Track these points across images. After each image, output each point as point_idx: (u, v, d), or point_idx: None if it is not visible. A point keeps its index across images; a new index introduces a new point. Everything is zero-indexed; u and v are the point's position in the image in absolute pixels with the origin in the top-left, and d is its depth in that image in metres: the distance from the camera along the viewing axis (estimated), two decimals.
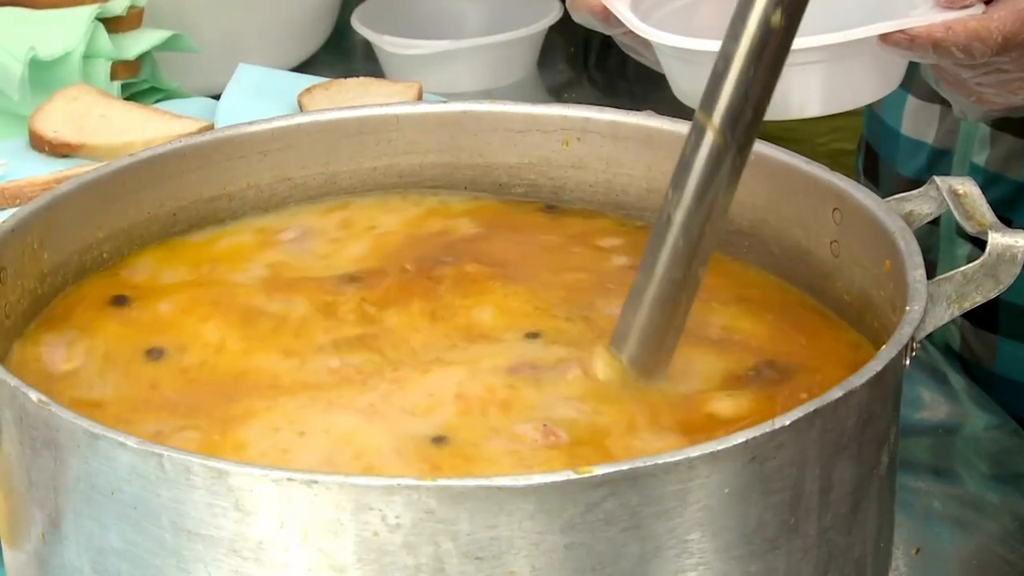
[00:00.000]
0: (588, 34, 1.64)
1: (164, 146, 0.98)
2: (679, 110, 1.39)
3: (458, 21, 1.58)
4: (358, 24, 1.50)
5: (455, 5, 1.59)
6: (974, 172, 1.29)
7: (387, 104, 1.04)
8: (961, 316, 1.28)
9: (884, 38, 0.96)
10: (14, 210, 0.87)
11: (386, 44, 1.48)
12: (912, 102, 1.33)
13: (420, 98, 1.28)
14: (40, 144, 1.18)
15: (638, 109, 1.01)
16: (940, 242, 1.33)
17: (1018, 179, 1.27)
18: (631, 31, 1.02)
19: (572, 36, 1.60)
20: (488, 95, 1.46)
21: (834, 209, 0.87)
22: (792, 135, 1.76)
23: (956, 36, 0.97)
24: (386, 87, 1.30)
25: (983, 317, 1.29)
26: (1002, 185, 1.28)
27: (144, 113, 1.23)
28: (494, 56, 1.49)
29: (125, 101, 1.27)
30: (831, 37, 0.95)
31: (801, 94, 0.99)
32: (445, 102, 1.18)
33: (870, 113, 1.40)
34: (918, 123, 1.33)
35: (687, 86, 1.02)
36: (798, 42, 0.91)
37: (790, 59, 0.89)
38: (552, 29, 1.51)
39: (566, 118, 0.99)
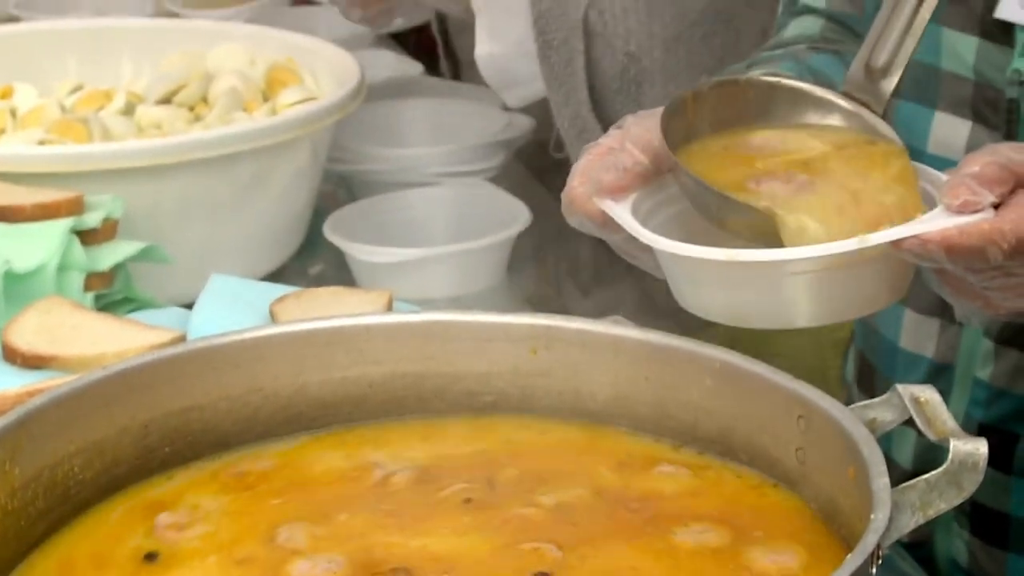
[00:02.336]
0: (558, 242, 1.66)
1: (136, 359, 0.99)
2: (647, 317, 1.41)
3: (428, 229, 1.60)
4: (330, 233, 1.52)
5: (425, 213, 1.61)
6: (977, 386, 1.27)
7: (357, 315, 1.05)
8: (970, 532, 1.28)
9: (897, 244, 0.95)
10: None
11: (357, 252, 1.50)
12: (910, 315, 1.32)
13: (391, 307, 1.30)
14: (12, 356, 1.19)
15: (608, 314, 1.03)
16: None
17: (1023, 393, 1.26)
18: (630, 236, 1.02)
19: (542, 242, 1.62)
20: (459, 302, 1.47)
21: (799, 416, 0.88)
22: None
23: (970, 239, 0.95)
24: (357, 296, 1.32)
25: (993, 533, 1.28)
26: (1008, 400, 1.26)
27: (117, 324, 1.24)
28: (464, 263, 1.51)
29: (98, 312, 1.28)
30: (846, 244, 0.94)
31: (807, 302, 0.97)
32: (416, 311, 1.20)
33: (864, 324, 1.39)
34: (917, 337, 1.32)
35: (688, 290, 1.02)
36: (805, 250, 0.94)
37: (800, 267, 0.93)
38: (521, 235, 1.53)
39: (534, 327, 1.01)
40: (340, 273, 1.52)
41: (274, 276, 1.51)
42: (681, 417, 0.96)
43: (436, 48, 2.18)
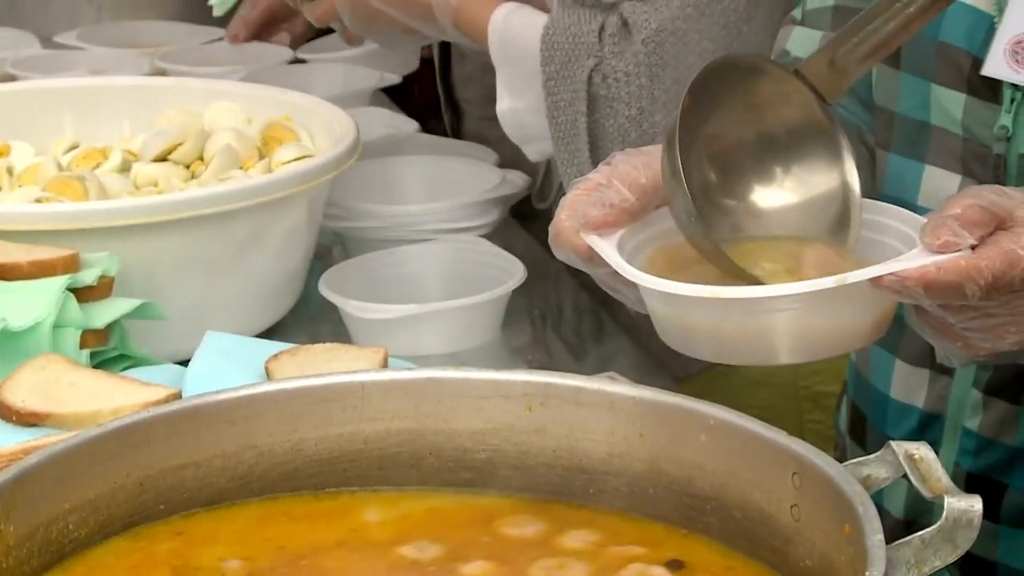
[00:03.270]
0: (553, 298, 1.67)
1: (131, 416, 0.99)
2: (642, 374, 1.41)
3: (423, 285, 1.61)
4: (325, 289, 1.53)
5: (420, 269, 1.62)
6: (966, 437, 1.29)
7: (353, 372, 1.05)
8: None
9: (876, 281, 0.97)
10: None
11: (352, 308, 1.50)
12: (901, 366, 1.33)
13: (386, 363, 1.30)
14: (8, 414, 1.19)
15: (602, 371, 1.03)
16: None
17: (1013, 443, 1.27)
18: (615, 271, 1.03)
19: (536, 298, 1.63)
20: (454, 358, 1.48)
21: (793, 473, 0.88)
22: (772, 379, 1.78)
23: (947, 275, 0.98)
24: (352, 352, 1.32)
25: None
26: (996, 450, 1.27)
27: (112, 381, 1.24)
28: (459, 319, 1.51)
29: (93, 369, 1.28)
30: (824, 282, 0.97)
31: (789, 339, 1.00)
32: (411, 367, 1.20)
33: (856, 374, 1.40)
34: (908, 387, 1.33)
35: (671, 328, 1.03)
36: (787, 287, 0.97)
37: (783, 304, 0.96)
38: (516, 292, 1.54)
39: (529, 384, 1.01)
40: (335, 329, 1.52)
41: (270, 333, 1.51)
42: (675, 474, 0.96)
43: (437, 100, 2.20)
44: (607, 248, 1.05)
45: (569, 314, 1.66)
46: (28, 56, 2.18)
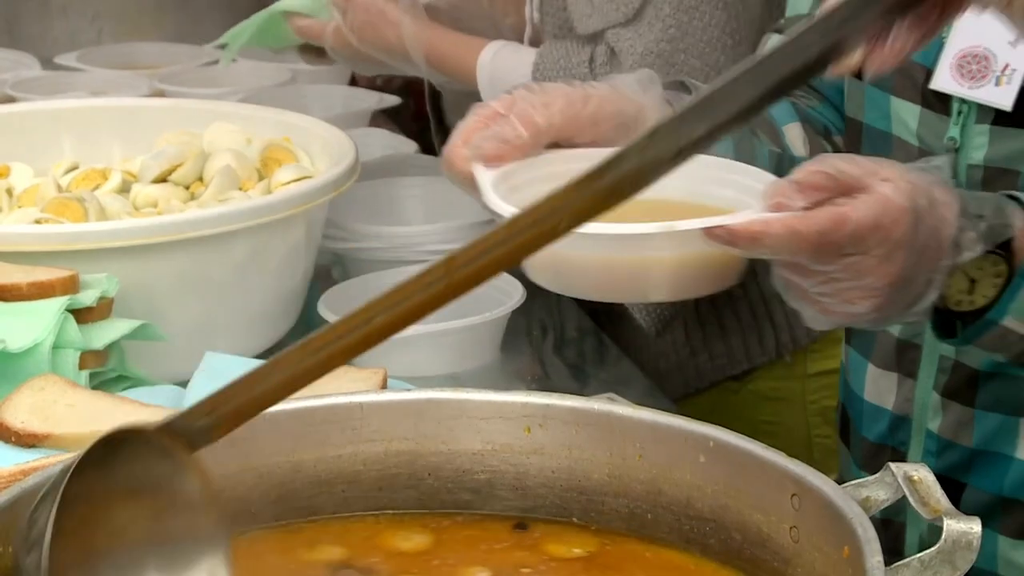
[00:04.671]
0: (552, 319, 1.67)
1: None
2: (641, 395, 1.41)
3: None
4: (324, 310, 1.53)
5: None
6: (929, 438, 1.32)
7: (352, 393, 1.05)
8: None
9: (708, 232, 1.05)
10: None
11: None
12: (872, 370, 1.37)
13: (385, 384, 1.30)
14: (7, 435, 1.19)
15: (601, 392, 1.03)
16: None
17: (969, 446, 1.30)
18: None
19: (536, 320, 1.63)
20: (453, 379, 1.48)
21: (792, 495, 0.88)
22: (779, 394, 1.78)
23: (774, 230, 1.04)
24: (351, 373, 1.32)
25: None
26: (955, 451, 1.31)
27: (111, 402, 1.24)
28: (458, 341, 1.51)
29: (92, 390, 1.29)
30: (660, 226, 1.05)
31: (652, 280, 1.09)
32: (410, 389, 1.20)
33: (843, 377, 1.44)
34: (879, 390, 1.37)
35: (539, 264, 1.11)
36: (634, 227, 1.06)
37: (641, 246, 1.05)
38: (516, 313, 1.54)
39: (528, 405, 1.01)
40: None
41: (269, 354, 1.51)
42: (674, 495, 0.96)
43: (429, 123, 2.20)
44: (485, 181, 1.11)
45: (569, 335, 1.66)
46: (28, 77, 2.18)
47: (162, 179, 1.66)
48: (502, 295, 1.56)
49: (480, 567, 0.96)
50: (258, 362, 1.37)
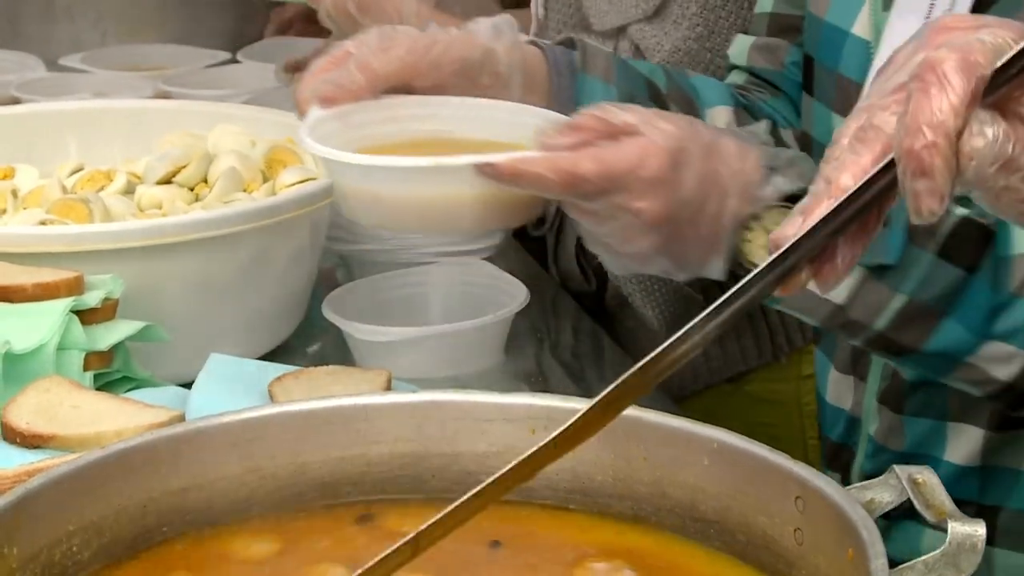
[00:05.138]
0: (555, 321, 1.67)
1: (135, 439, 0.99)
2: (642, 398, 1.41)
3: (426, 308, 1.61)
4: (328, 312, 1.53)
5: (422, 292, 1.62)
6: (868, 442, 1.36)
7: (356, 395, 1.05)
8: None
9: (478, 168, 1.12)
10: None
11: (355, 331, 1.51)
12: (833, 373, 1.40)
13: (389, 386, 1.30)
14: (12, 435, 1.19)
15: None
16: None
17: (900, 450, 1.33)
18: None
19: (538, 321, 1.63)
20: (456, 381, 1.48)
21: (797, 497, 0.88)
22: (776, 396, 1.79)
23: (531, 167, 1.11)
24: (356, 375, 1.32)
25: None
26: (888, 456, 1.33)
27: (116, 403, 1.25)
28: (462, 343, 1.51)
29: (97, 391, 1.29)
30: (429, 160, 1.14)
31: (449, 213, 1.16)
32: (414, 390, 1.20)
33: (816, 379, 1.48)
34: (839, 392, 1.40)
35: (349, 197, 1.20)
36: (404, 160, 1.14)
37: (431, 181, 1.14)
38: (518, 315, 1.54)
39: (532, 407, 1.01)
40: (339, 352, 1.52)
41: (273, 355, 1.51)
42: (679, 497, 0.96)
43: None
44: (308, 122, 1.20)
45: (570, 337, 1.66)
46: (33, 79, 2.18)
47: (166, 181, 1.66)
48: (505, 297, 1.56)
49: None
50: (261, 363, 1.38)
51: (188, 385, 1.34)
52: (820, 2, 1.33)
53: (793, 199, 1.16)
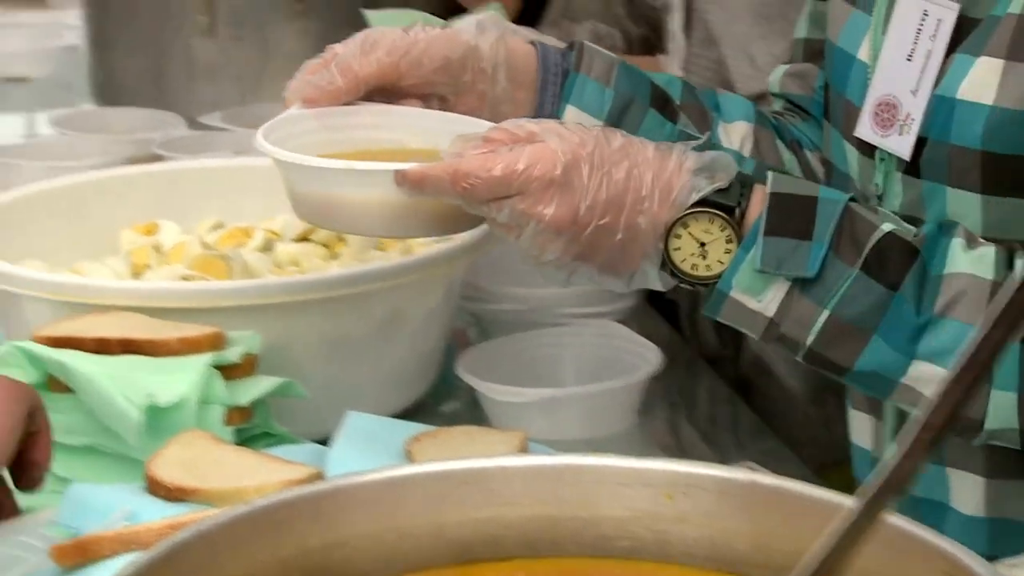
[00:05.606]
0: (690, 386, 1.67)
1: (276, 496, 1.00)
2: (780, 464, 1.40)
3: (559, 369, 1.61)
4: (462, 371, 1.54)
5: (556, 353, 1.63)
6: None
7: (493, 456, 1.06)
8: None
9: (396, 176, 1.19)
10: (131, 557, 0.88)
11: (489, 391, 1.51)
12: (851, 411, 1.41)
13: (525, 447, 1.30)
14: (157, 489, 1.21)
15: (738, 461, 1.03)
16: None
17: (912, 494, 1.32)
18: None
19: (672, 385, 1.63)
20: (590, 444, 1.48)
21: (944, 573, 0.87)
22: None
23: (433, 172, 1.18)
24: (491, 436, 1.32)
25: None
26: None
27: (256, 459, 1.26)
28: (596, 405, 1.51)
29: (238, 447, 1.30)
30: (343, 163, 1.22)
31: (371, 217, 1.23)
32: (551, 452, 1.20)
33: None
34: (860, 431, 1.41)
35: (296, 197, 1.27)
36: (323, 162, 1.22)
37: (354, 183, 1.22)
38: (653, 379, 1.54)
39: (671, 472, 1.01)
40: (473, 412, 1.53)
41: (408, 413, 1.52)
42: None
43: None
44: (280, 120, 1.29)
45: (704, 402, 1.66)
46: (175, 137, 2.22)
47: (303, 238, 1.69)
48: (639, 360, 1.56)
49: None
50: (397, 422, 1.39)
51: (324, 441, 1.35)
52: (834, 27, 1.35)
53: (717, 205, 1.18)
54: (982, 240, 1.19)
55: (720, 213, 1.17)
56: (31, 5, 3.13)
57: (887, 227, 1.17)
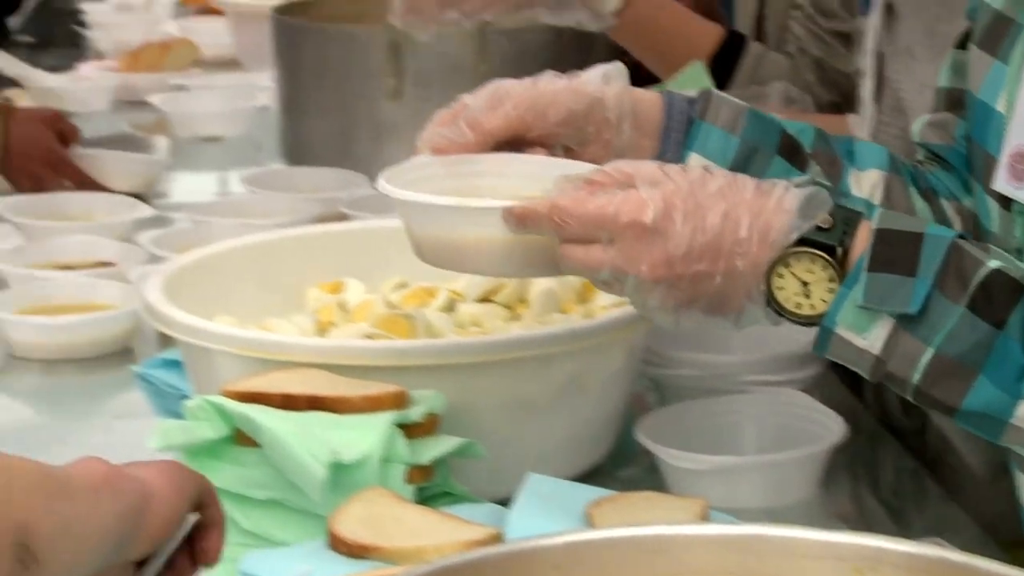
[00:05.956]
0: (873, 457, 1.64)
1: (458, 556, 1.00)
2: (969, 541, 1.37)
3: (740, 436, 1.60)
4: (642, 436, 1.53)
5: (737, 420, 1.61)
6: None
7: (677, 523, 1.05)
8: None
9: (504, 213, 1.24)
10: None
11: (669, 457, 1.50)
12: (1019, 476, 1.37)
13: (706, 515, 1.30)
14: (338, 545, 1.22)
15: (926, 537, 1.01)
16: None
17: None
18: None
19: (855, 456, 1.60)
20: (770, 513, 1.46)
21: None
22: None
23: (536, 208, 1.23)
24: (671, 502, 1.32)
25: None
26: None
27: (436, 517, 1.27)
28: (777, 474, 1.49)
29: (418, 505, 1.31)
30: (454, 200, 1.29)
31: (478, 256, 1.30)
32: (732, 521, 1.19)
33: None
34: None
35: (414, 237, 1.37)
36: (436, 199, 1.30)
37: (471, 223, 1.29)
38: (836, 449, 1.52)
39: (858, 546, 0.99)
40: (651, 477, 1.52)
41: (586, 477, 1.52)
42: None
43: None
44: (401, 165, 1.36)
45: (888, 473, 1.63)
46: (360, 196, 2.25)
47: (486, 299, 1.70)
48: (821, 429, 1.54)
49: None
50: (578, 485, 1.39)
51: (503, 502, 1.35)
52: (975, 78, 1.33)
53: (818, 245, 1.18)
54: None
55: (821, 253, 1.18)
56: (227, 67, 3.21)
57: (994, 264, 1.16)
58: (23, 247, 2.12)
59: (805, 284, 1.19)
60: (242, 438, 1.36)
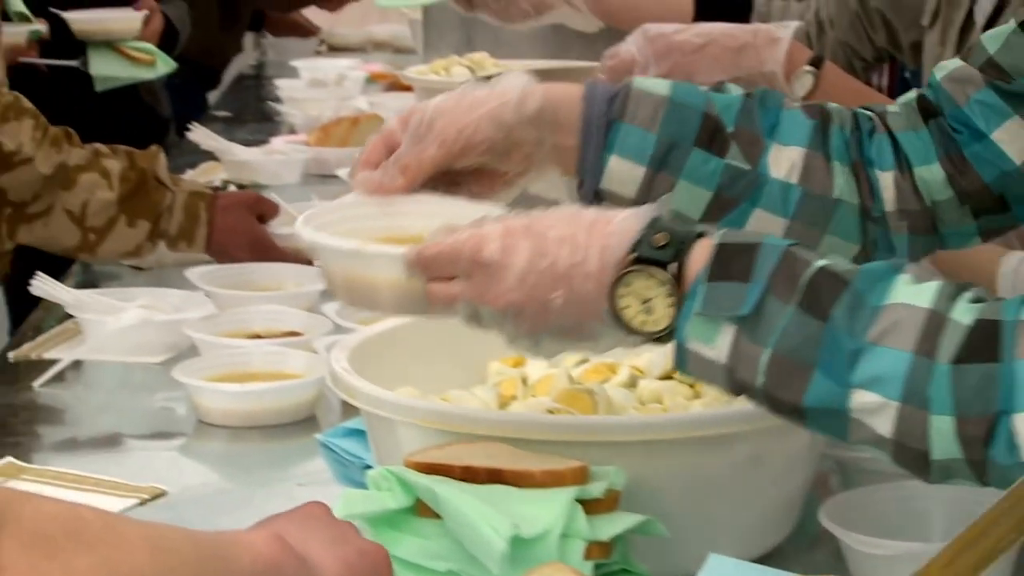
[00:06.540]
0: None
1: None
2: None
3: (927, 522, 1.55)
4: (826, 520, 1.51)
5: (925, 506, 1.56)
6: None
7: None
8: None
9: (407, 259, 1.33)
10: None
11: (854, 542, 1.48)
12: None
13: None
14: None
15: None
16: None
17: None
18: None
19: None
20: None
21: None
22: None
23: (435, 249, 1.31)
24: None
25: None
26: None
27: None
28: None
29: None
30: (357, 245, 1.37)
31: (381, 297, 1.37)
32: None
33: None
34: None
35: (330, 277, 1.42)
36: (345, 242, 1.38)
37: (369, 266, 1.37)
38: None
39: None
40: (834, 561, 1.50)
41: (766, 559, 1.50)
42: None
43: None
44: (332, 204, 1.47)
45: None
46: None
47: (667, 376, 1.69)
48: None
49: None
50: (762, 568, 1.37)
51: None
52: None
53: (654, 262, 1.24)
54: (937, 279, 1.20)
55: (656, 269, 1.24)
56: None
57: (820, 263, 1.21)
58: (214, 315, 2.17)
59: (646, 301, 1.25)
60: (423, 509, 1.37)
